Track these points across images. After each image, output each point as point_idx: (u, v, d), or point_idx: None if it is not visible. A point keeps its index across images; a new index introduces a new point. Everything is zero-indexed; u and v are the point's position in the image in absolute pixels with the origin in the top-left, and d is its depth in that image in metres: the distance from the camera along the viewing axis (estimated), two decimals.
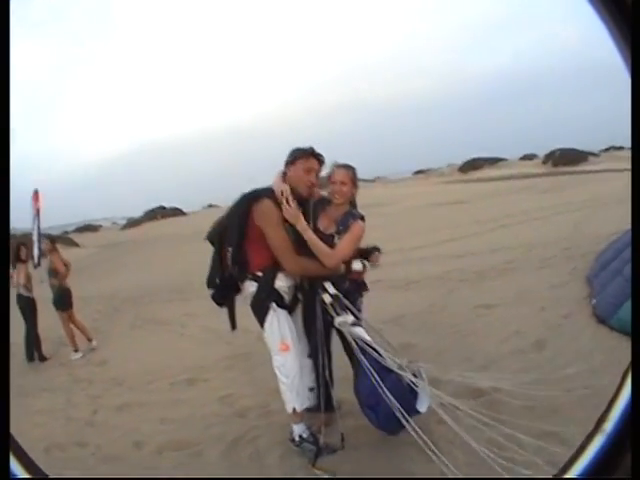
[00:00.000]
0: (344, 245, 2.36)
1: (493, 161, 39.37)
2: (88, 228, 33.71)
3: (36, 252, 8.95)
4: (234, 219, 2.36)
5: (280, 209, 2.31)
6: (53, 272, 6.11)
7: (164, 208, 36.51)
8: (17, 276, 6.27)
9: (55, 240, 7.58)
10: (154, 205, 34.50)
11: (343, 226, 2.42)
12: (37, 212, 9.25)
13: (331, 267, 2.35)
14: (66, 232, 29.25)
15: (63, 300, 5.88)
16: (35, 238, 9.00)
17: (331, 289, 2.37)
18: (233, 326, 2.50)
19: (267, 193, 2.35)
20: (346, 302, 2.33)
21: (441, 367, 2.26)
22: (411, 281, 6.24)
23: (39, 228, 9.21)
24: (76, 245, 23.36)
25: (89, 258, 18.25)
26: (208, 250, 2.48)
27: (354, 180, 2.49)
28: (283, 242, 2.33)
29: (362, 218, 2.44)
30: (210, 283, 2.48)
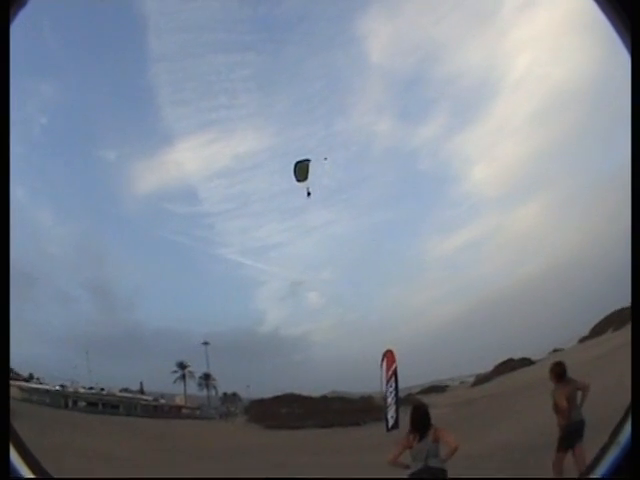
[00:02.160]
0: None
1: None
2: (434, 389, 33.82)
3: (392, 415, 9.77)
4: None
5: None
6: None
7: (513, 360, 33.41)
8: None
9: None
10: (503, 358, 32.36)
11: None
12: (393, 373, 10.39)
13: None
14: (410, 394, 29.76)
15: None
16: (391, 400, 9.99)
17: None
18: None
19: None
20: None
21: None
22: None
23: (396, 389, 10.15)
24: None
25: (443, 417, 18.73)
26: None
27: None
28: None
29: None
30: None
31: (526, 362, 32.05)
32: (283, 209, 36.26)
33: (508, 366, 32.65)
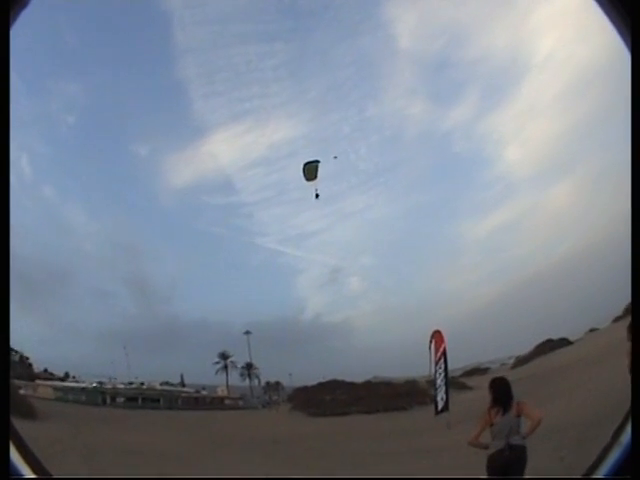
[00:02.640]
0: None
1: None
2: (476, 371, 33.87)
3: (441, 396, 9.40)
4: None
5: None
6: None
7: (551, 340, 33.02)
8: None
9: None
10: (541, 339, 32.00)
11: None
12: (442, 353, 9.98)
13: None
14: (453, 377, 28.53)
15: None
16: (441, 382, 9.63)
17: None
18: None
19: None
20: None
21: None
22: None
23: (446, 370, 9.75)
24: (468, 388, 24.13)
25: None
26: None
27: None
28: None
29: None
30: None
31: (564, 342, 31.99)
32: (321, 195, 36.29)
33: (547, 346, 32.34)
